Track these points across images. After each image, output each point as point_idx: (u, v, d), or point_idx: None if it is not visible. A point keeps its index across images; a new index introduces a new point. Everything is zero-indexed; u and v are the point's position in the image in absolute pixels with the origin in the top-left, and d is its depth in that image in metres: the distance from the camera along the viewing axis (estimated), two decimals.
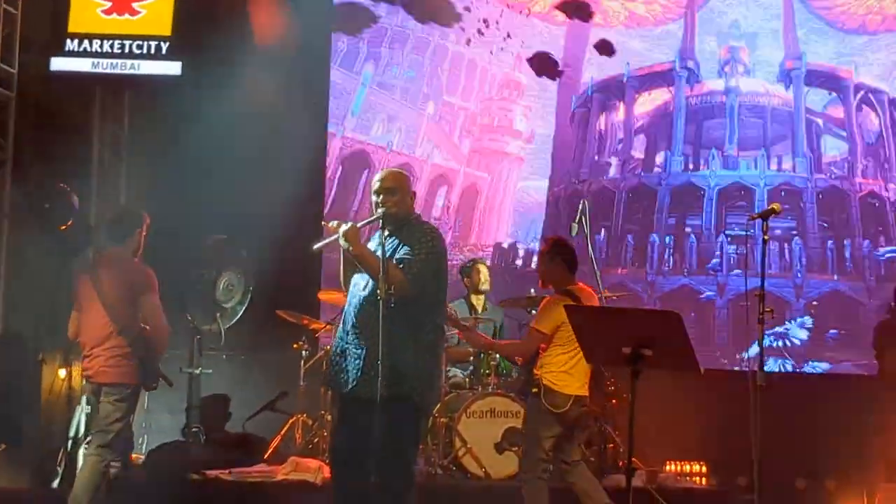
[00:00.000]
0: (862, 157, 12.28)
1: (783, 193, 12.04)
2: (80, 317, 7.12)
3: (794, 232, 12.07)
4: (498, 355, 8.78)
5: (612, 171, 12.52)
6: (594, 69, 12.39)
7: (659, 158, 12.47)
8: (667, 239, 12.15)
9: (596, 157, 12.53)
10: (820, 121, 12.41)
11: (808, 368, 11.32)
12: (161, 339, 7.05)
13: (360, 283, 5.68)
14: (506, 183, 12.45)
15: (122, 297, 6.96)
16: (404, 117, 12.29)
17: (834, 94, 12.41)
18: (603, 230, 12.03)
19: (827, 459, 9.30)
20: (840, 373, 10.99)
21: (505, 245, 12.29)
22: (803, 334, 11.54)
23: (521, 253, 12.18)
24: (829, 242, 12.06)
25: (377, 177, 5.78)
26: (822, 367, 11.34)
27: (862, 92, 12.38)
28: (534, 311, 8.49)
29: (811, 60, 12.27)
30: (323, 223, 5.55)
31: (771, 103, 12.41)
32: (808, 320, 11.59)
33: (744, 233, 10.86)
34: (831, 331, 11.54)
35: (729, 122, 12.35)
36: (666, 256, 12.08)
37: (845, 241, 12.07)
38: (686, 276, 11.90)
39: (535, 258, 10.93)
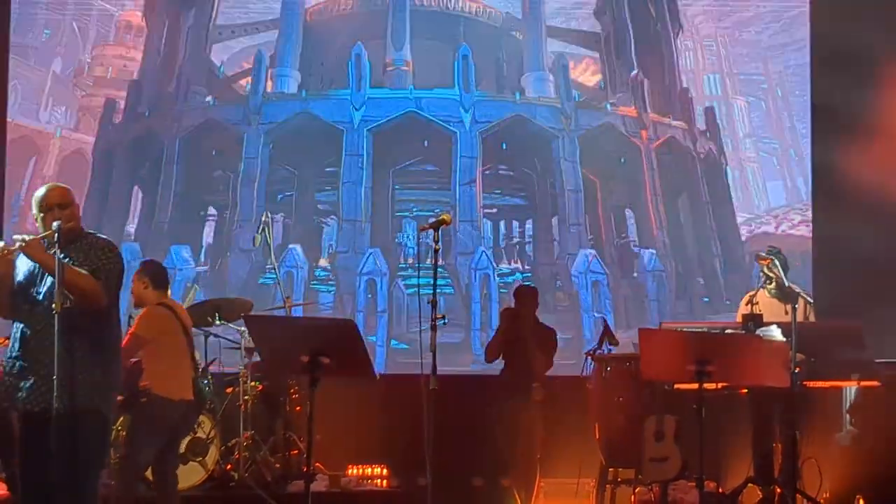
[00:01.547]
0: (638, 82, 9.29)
1: (504, 146, 8.56)
2: None
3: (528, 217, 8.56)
4: None
5: (179, 105, 9.89)
6: None
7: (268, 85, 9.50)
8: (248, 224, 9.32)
9: (157, 85, 10.06)
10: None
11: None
12: None
13: (30, 297, 5.62)
14: None
15: None
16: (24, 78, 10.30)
17: None
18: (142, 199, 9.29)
19: (503, 457, 9.71)
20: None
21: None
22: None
23: None
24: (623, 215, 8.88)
25: (43, 192, 5.73)
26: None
27: None
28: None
29: None
30: None
31: (470, 8, 9.02)
32: None
33: (430, 213, 6.93)
34: None
35: (395, 20, 8.76)
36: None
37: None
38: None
39: None
